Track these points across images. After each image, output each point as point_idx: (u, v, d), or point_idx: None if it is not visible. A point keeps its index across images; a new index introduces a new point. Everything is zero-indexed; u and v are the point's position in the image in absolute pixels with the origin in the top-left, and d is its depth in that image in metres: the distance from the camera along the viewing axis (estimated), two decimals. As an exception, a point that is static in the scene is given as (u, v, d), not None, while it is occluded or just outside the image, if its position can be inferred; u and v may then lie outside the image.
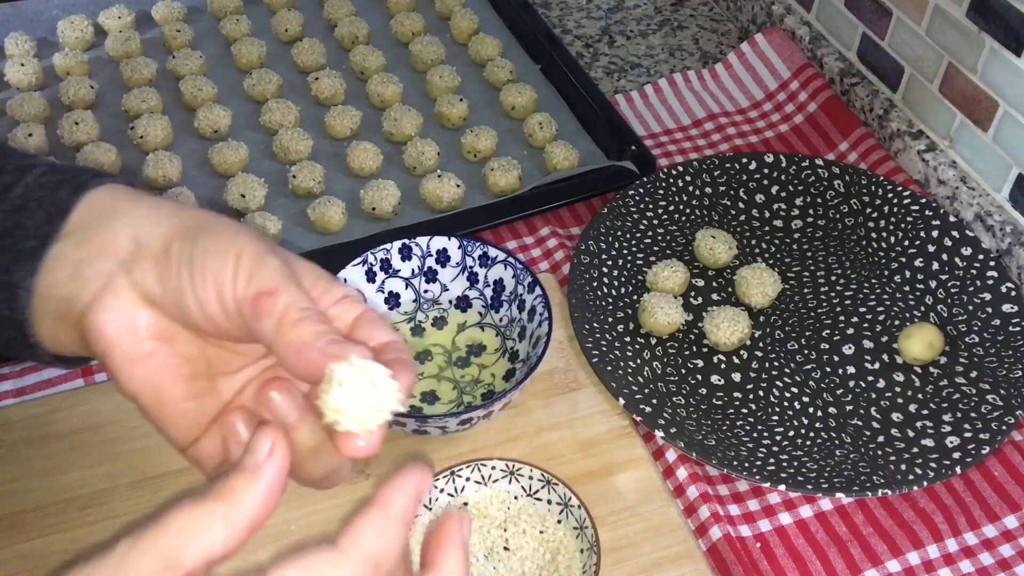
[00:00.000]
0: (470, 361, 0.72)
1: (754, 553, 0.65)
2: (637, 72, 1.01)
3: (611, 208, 0.82)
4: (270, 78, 0.93)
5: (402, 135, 0.89)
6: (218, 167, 0.86)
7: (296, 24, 1.00)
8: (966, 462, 0.67)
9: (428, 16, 1.03)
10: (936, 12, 0.83)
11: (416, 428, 0.64)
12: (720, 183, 0.85)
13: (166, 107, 0.92)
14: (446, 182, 0.83)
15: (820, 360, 0.74)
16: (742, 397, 0.72)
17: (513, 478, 0.63)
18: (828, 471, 0.66)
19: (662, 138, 0.94)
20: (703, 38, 1.06)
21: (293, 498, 0.65)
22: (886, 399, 0.72)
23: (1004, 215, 0.81)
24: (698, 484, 0.67)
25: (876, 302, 0.78)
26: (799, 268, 0.81)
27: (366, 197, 0.83)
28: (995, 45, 0.78)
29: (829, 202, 0.84)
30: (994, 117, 0.81)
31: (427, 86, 0.95)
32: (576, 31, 1.06)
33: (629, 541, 0.64)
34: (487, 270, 0.73)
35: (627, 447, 0.69)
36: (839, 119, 0.92)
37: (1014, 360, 0.73)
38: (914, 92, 0.89)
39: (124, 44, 0.97)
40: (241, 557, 0.65)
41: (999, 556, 0.65)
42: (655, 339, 0.75)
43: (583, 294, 0.76)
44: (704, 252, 0.80)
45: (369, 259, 0.72)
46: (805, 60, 0.97)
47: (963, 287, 0.78)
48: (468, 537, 0.37)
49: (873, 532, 0.66)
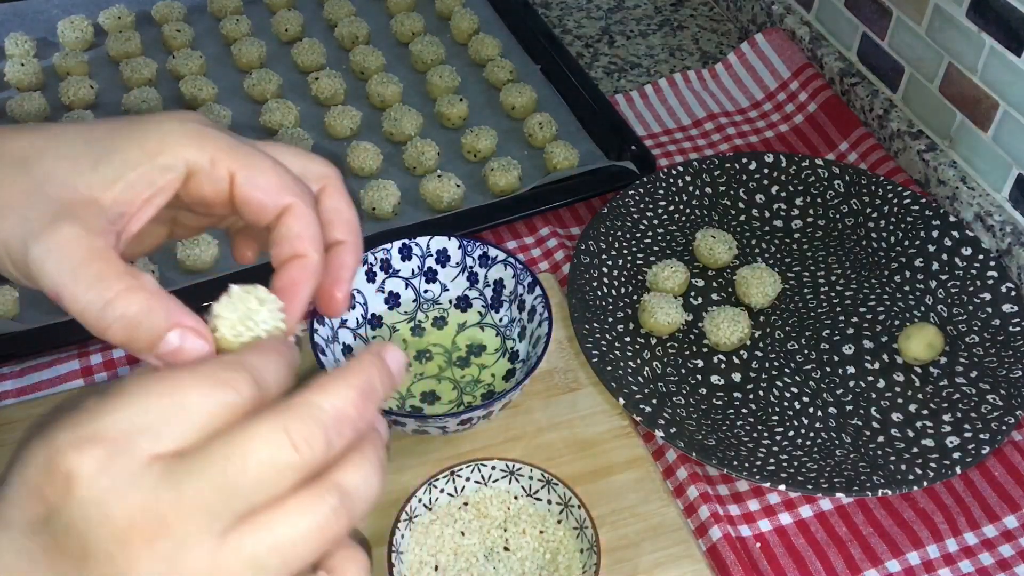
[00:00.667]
0: (470, 361, 0.72)
1: (754, 553, 0.65)
2: (637, 72, 1.01)
3: (611, 208, 0.82)
4: (270, 78, 0.93)
5: (402, 135, 0.89)
6: (218, 167, 0.86)
7: (296, 24, 1.00)
8: (966, 462, 0.67)
9: (428, 16, 1.03)
10: (936, 12, 0.83)
11: (416, 428, 0.64)
12: (720, 183, 0.85)
13: (166, 107, 0.92)
14: (446, 182, 0.83)
15: (820, 360, 0.74)
16: (742, 397, 0.72)
17: (513, 478, 0.63)
18: (828, 471, 0.66)
19: (662, 138, 0.94)
20: (703, 38, 1.06)
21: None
22: (886, 399, 0.72)
23: (1004, 215, 0.81)
24: (698, 484, 0.67)
25: (876, 302, 0.78)
26: (799, 268, 0.81)
27: (366, 197, 0.83)
28: (995, 45, 0.78)
29: (829, 202, 0.84)
30: (994, 117, 0.81)
31: (427, 86, 0.95)
32: (576, 31, 1.06)
33: (629, 541, 0.64)
34: (487, 270, 0.73)
35: (627, 447, 0.69)
36: (839, 119, 0.92)
37: (1014, 360, 0.73)
38: (914, 92, 0.89)
39: (124, 44, 0.97)
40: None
41: (999, 556, 0.65)
42: (655, 339, 0.75)
43: (583, 294, 0.76)
44: (704, 252, 0.80)
45: (369, 259, 0.72)
46: (805, 60, 0.97)
47: (963, 287, 0.78)
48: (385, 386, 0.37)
49: (873, 532, 0.66)
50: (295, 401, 0.34)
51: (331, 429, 0.34)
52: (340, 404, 0.34)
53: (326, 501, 0.34)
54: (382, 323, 0.73)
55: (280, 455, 0.33)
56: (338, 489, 0.34)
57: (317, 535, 0.33)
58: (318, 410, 0.34)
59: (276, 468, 0.33)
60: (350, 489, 0.34)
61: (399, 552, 0.59)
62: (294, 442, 0.33)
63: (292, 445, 0.33)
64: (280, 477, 0.33)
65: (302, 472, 0.33)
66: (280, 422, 0.33)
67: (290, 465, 0.33)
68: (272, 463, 0.33)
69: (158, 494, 0.32)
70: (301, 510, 0.33)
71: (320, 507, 0.33)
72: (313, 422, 0.34)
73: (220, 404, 0.34)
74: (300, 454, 0.33)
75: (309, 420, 0.34)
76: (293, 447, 0.33)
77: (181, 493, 0.32)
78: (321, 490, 0.34)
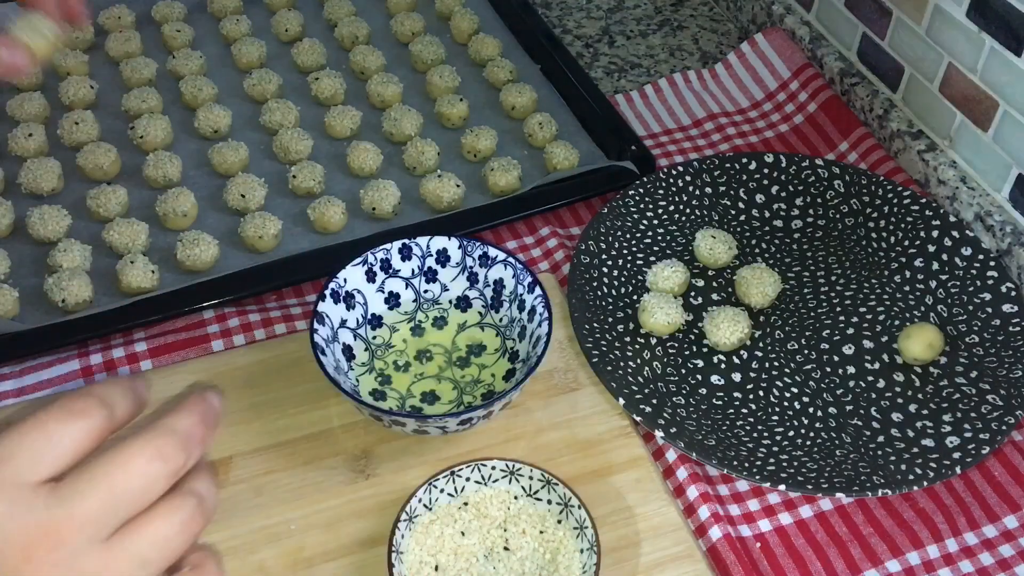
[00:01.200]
0: (470, 361, 0.72)
1: (754, 553, 0.65)
2: (637, 72, 1.01)
3: (611, 208, 0.82)
4: (270, 78, 0.93)
5: (402, 135, 0.89)
6: (218, 167, 0.86)
7: (296, 24, 1.00)
8: (966, 462, 0.67)
9: (428, 16, 1.03)
10: (936, 12, 0.83)
11: (416, 428, 0.64)
12: (720, 183, 0.85)
13: (166, 107, 0.92)
14: (446, 182, 0.83)
15: (820, 360, 0.74)
16: (742, 397, 0.72)
17: (513, 478, 0.63)
18: (828, 471, 0.66)
19: (662, 138, 0.94)
20: (703, 38, 1.06)
21: (293, 498, 0.65)
22: (886, 399, 0.72)
23: (1004, 215, 0.81)
24: (698, 484, 0.67)
25: (876, 302, 0.78)
26: (799, 268, 0.81)
27: (366, 197, 0.83)
28: (995, 45, 0.78)
29: (829, 202, 0.84)
30: (994, 117, 0.81)
31: (427, 86, 0.95)
32: (576, 31, 1.06)
33: (629, 541, 0.64)
34: (487, 270, 0.73)
35: (627, 447, 0.69)
36: (839, 119, 0.92)
37: (1014, 360, 0.73)
38: (914, 92, 0.89)
39: (124, 44, 0.97)
40: (240, 558, 0.65)
41: (999, 556, 0.65)
42: (655, 339, 0.75)
43: (583, 294, 0.76)
44: (704, 252, 0.80)
45: (369, 259, 0.72)
46: (805, 60, 0.97)
47: (963, 287, 0.78)
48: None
49: (873, 532, 0.66)
50: (156, 424, 0.41)
51: (186, 444, 0.41)
52: (189, 425, 0.42)
53: (188, 502, 0.41)
54: (382, 323, 0.73)
55: (152, 467, 0.40)
56: (194, 494, 0.41)
57: (185, 531, 0.41)
58: (174, 430, 0.41)
59: (151, 477, 0.40)
60: (203, 493, 0.42)
61: (399, 552, 0.59)
62: (162, 455, 0.40)
63: (161, 457, 0.40)
64: (154, 484, 0.40)
65: (169, 480, 0.41)
66: (148, 440, 0.40)
67: (161, 473, 0.40)
68: (147, 473, 0.40)
69: (51, 512, 0.38)
70: (171, 511, 0.41)
71: (184, 507, 0.41)
72: (173, 437, 0.41)
73: (79, 430, 0.40)
74: (167, 464, 0.40)
75: (170, 437, 0.41)
76: (162, 459, 0.40)
77: (72, 510, 0.39)
78: (183, 494, 0.41)
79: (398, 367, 0.71)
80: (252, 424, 0.69)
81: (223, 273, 0.78)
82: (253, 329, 0.76)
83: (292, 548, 0.63)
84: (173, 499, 0.41)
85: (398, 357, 0.72)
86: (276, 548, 0.63)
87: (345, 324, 0.70)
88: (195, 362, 0.73)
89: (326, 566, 0.62)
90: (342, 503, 0.65)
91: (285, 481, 0.66)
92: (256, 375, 0.72)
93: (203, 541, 0.43)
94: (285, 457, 0.67)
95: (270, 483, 0.66)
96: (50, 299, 0.75)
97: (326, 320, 0.68)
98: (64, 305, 0.75)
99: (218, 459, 0.67)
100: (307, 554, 0.62)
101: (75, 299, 0.74)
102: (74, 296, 0.74)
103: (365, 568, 0.62)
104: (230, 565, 0.62)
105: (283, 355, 0.73)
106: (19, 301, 0.75)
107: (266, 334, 0.76)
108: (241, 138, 0.89)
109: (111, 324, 0.74)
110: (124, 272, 0.76)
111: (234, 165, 0.86)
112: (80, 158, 0.85)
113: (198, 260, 0.78)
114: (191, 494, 0.42)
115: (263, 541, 0.63)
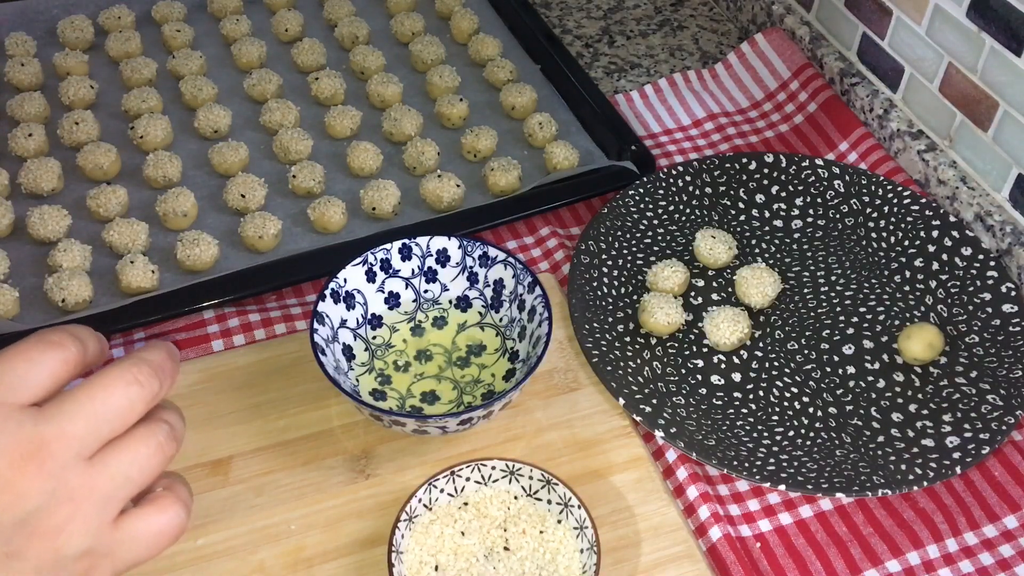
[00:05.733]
0: (470, 361, 0.72)
1: (754, 553, 0.65)
2: (637, 72, 1.01)
3: (611, 208, 0.82)
4: (270, 78, 0.93)
5: (402, 135, 0.89)
6: (218, 167, 0.86)
7: (296, 24, 1.00)
8: (966, 462, 0.67)
9: (428, 16, 1.03)
10: (936, 12, 0.83)
11: (416, 428, 0.64)
12: (720, 183, 0.85)
13: (166, 107, 0.92)
14: (446, 182, 0.83)
15: (820, 360, 0.74)
16: (742, 397, 0.72)
17: (513, 478, 0.63)
18: (828, 471, 0.66)
19: (662, 138, 0.94)
20: (703, 38, 1.06)
21: (293, 498, 0.65)
22: (886, 399, 0.72)
23: (1004, 215, 0.81)
24: (698, 484, 0.67)
25: (876, 302, 0.78)
26: (799, 268, 0.81)
27: (366, 197, 0.83)
28: (995, 45, 0.78)
29: (829, 202, 0.84)
30: (994, 117, 0.81)
31: (427, 86, 0.95)
32: (576, 31, 1.06)
33: (629, 541, 0.64)
34: (487, 270, 0.73)
35: (627, 447, 0.69)
36: (839, 119, 0.92)
37: (1014, 360, 0.73)
38: (914, 92, 0.89)
39: (124, 44, 0.97)
40: (240, 558, 0.65)
41: (999, 556, 0.65)
42: (655, 339, 0.75)
43: (583, 294, 0.76)
44: (704, 252, 0.80)
45: (369, 259, 0.72)
46: (805, 60, 0.97)
47: (963, 287, 0.78)
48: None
49: (873, 532, 0.66)
50: (130, 356, 0.47)
51: (159, 373, 0.46)
52: (159, 358, 0.47)
53: (162, 428, 0.46)
54: (382, 323, 0.73)
55: (130, 390, 0.45)
56: (165, 422, 0.47)
57: (160, 453, 0.46)
58: (148, 360, 0.46)
59: (130, 399, 0.45)
60: (173, 422, 0.47)
61: (399, 552, 0.59)
62: (139, 380, 0.45)
63: (138, 382, 0.45)
64: (132, 407, 0.45)
65: (146, 404, 0.46)
66: (125, 368, 0.45)
67: (139, 397, 0.45)
68: (127, 395, 0.45)
69: (39, 429, 0.43)
70: (147, 434, 0.46)
71: (159, 432, 0.46)
72: (147, 366, 0.46)
73: (56, 359, 0.45)
74: (143, 388, 0.45)
75: (144, 365, 0.46)
76: (139, 383, 0.45)
77: (60, 428, 0.43)
78: (157, 420, 0.47)
79: (398, 367, 0.71)
80: (252, 424, 0.69)
81: (223, 273, 0.78)
82: (253, 329, 0.76)
83: (292, 548, 0.63)
84: (149, 424, 0.46)
85: (398, 357, 0.72)
86: (276, 548, 0.63)
87: (345, 324, 0.70)
88: (195, 362, 0.73)
89: (326, 566, 0.62)
90: (342, 503, 0.65)
91: (285, 481, 0.66)
92: (256, 375, 0.72)
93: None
94: (285, 457, 0.67)
95: (270, 483, 0.66)
96: (50, 299, 0.75)
97: (326, 320, 0.68)
98: (64, 305, 0.75)
99: (218, 459, 0.67)
100: (307, 554, 0.62)
101: (75, 299, 0.74)
102: (74, 296, 0.74)
103: (365, 568, 0.62)
104: (230, 565, 0.62)
105: (283, 355, 0.73)
106: (19, 301, 0.75)
107: (266, 334, 0.76)
108: (241, 138, 0.89)
109: (111, 324, 0.74)
110: (124, 272, 0.76)
111: (234, 165, 0.86)
112: (80, 158, 0.85)
113: (198, 260, 0.78)
114: (162, 422, 0.47)
115: (263, 541, 0.63)
